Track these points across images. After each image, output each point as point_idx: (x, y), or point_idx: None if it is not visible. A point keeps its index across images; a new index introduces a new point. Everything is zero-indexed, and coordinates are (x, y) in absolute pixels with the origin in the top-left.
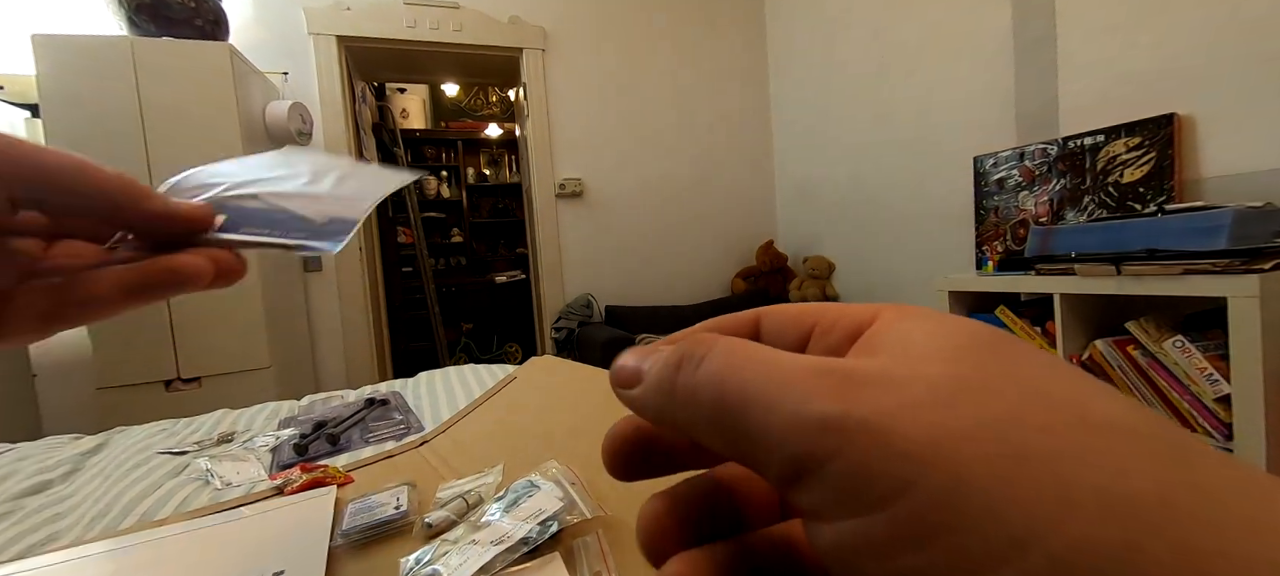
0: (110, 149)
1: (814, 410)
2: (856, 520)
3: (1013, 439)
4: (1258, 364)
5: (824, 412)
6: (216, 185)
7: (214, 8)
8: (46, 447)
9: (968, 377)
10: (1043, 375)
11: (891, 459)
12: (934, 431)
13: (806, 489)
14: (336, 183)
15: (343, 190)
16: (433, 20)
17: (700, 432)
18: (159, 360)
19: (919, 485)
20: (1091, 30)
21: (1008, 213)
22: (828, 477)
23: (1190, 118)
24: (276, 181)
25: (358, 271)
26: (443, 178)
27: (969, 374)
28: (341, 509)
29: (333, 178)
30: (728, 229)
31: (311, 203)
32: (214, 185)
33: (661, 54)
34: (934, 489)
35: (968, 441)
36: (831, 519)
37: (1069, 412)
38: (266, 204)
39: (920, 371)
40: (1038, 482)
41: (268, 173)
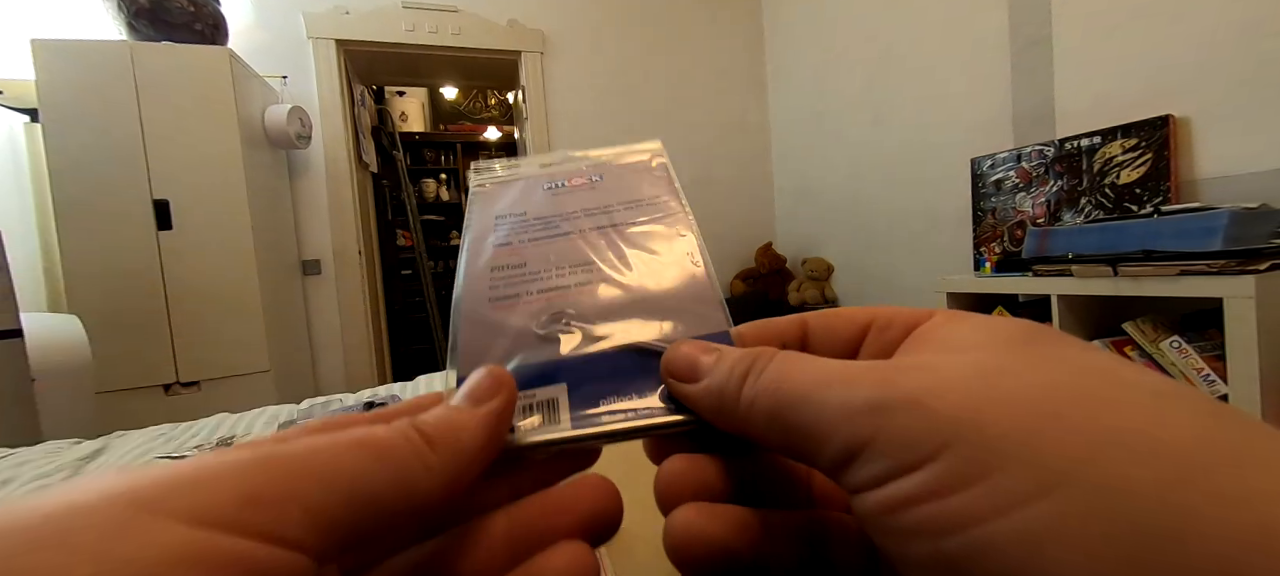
0: (110, 154)
1: (860, 397)
2: (899, 481)
3: (1049, 401)
4: (1254, 364)
5: (869, 397)
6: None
7: (213, 12)
8: (46, 452)
9: (1005, 361)
10: (1079, 354)
11: (932, 423)
12: (972, 399)
13: (857, 468)
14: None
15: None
16: (431, 24)
17: (756, 430)
18: (158, 364)
19: (959, 441)
20: (1087, 32)
21: (1005, 214)
22: (875, 451)
23: (1186, 119)
24: (581, 274)
25: (357, 274)
26: (442, 181)
27: (1007, 358)
28: None
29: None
30: (726, 231)
31: (642, 309)
32: (515, 296)
33: (660, 58)
34: (973, 443)
35: (1005, 405)
36: (879, 486)
37: (1104, 378)
38: (606, 338)
39: (960, 359)
40: (1075, 430)
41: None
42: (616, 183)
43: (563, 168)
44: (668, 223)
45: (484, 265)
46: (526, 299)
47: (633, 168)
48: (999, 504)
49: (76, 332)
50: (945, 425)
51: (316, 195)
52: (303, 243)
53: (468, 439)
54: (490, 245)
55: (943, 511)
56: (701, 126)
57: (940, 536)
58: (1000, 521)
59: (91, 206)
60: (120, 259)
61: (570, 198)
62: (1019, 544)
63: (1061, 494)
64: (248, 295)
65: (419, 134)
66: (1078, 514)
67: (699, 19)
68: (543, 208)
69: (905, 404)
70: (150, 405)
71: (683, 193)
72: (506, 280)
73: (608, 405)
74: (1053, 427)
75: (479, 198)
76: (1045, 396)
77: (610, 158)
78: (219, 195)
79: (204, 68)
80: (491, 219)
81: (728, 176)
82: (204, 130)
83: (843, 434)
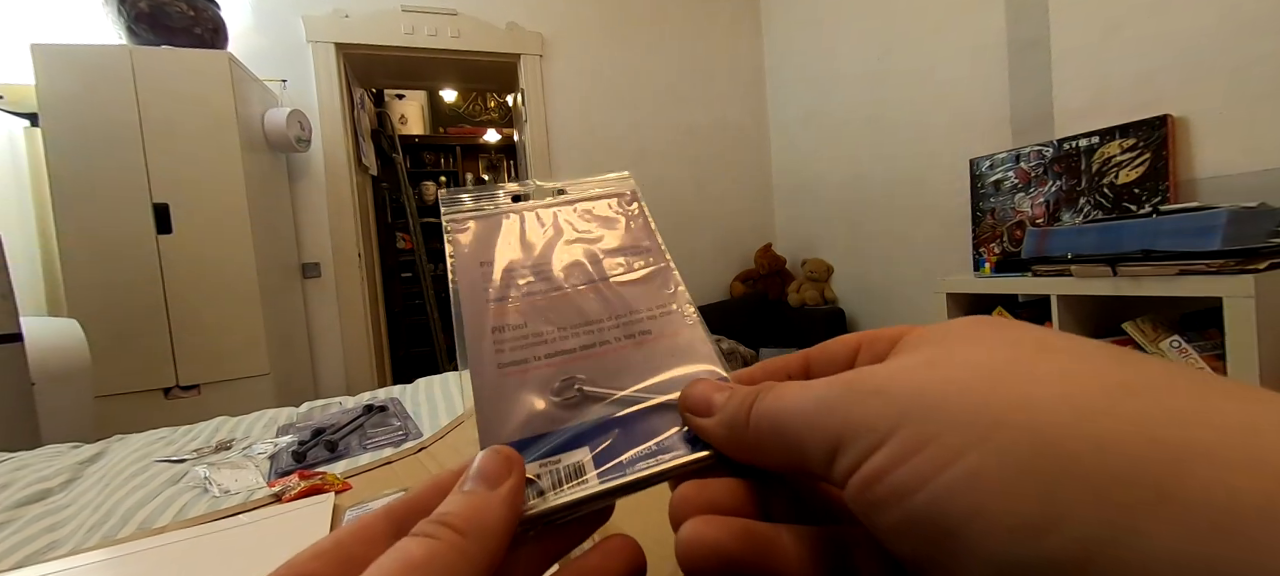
0: (110, 158)
1: (832, 395)
2: (869, 461)
3: (984, 373)
4: (1254, 363)
5: (836, 394)
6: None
7: (213, 16)
8: (45, 456)
9: (952, 349)
10: (1016, 331)
11: (888, 406)
12: (919, 381)
13: (838, 461)
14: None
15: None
16: (431, 27)
17: (764, 452)
18: (158, 368)
19: (909, 417)
20: (1085, 32)
21: (1004, 214)
22: (848, 439)
23: (1184, 119)
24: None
25: (357, 278)
26: (441, 183)
27: (953, 346)
28: (340, 516)
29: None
30: (726, 232)
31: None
32: (532, 360)
33: (659, 60)
34: (921, 416)
35: (947, 383)
36: (853, 470)
37: (1033, 347)
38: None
39: (914, 355)
40: (1006, 388)
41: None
42: (596, 227)
43: (538, 206)
44: (654, 274)
45: (486, 326)
46: (536, 365)
47: (609, 206)
48: (945, 460)
49: (76, 336)
50: (898, 406)
51: (316, 198)
52: (302, 245)
53: (492, 521)
54: (487, 301)
55: (901, 477)
56: (700, 128)
57: (902, 499)
58: (944, 475)
59: (91, 210)
60: (120, 262)
61: (553, 243)
62: (959, 491)
63: (990, 442)
64: (247, 298)
65: (418, 137)
66: (1008, 456)
67: (698, 22)
68: (528, 256)
69: (864, 394)
70: (150, 409)
71: (659, 233)
72: (512, 343)
73: (629, 457)
74: (986, 390)
75: (457, 238)
76: (984, 367)
77: (582, 192)
78: (219, 199)
79: (204, 72)
80: (478, 267)
81: (727, 178)
82: (204, 134)
83: (819, 430)
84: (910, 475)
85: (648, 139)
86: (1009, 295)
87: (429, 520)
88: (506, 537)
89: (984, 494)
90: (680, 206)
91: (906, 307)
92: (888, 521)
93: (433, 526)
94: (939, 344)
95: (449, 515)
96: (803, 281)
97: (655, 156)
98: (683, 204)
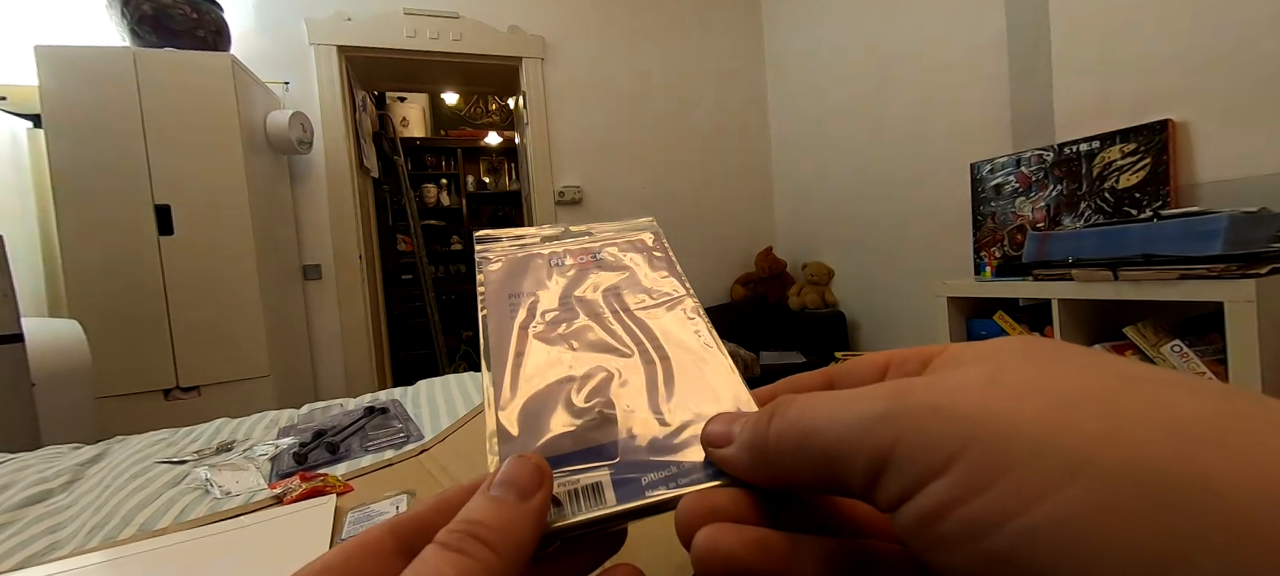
0: (112, 159)
1: (877, 409)
2: (929, 487)
3: (1059, 395)
4: (1255, 367)
5: (885, 408)
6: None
7: (216, 19)
8: (46, 457)
9: (1013, 364)
10: (1083, 354)
11: (948, 426)
12: (983, 399)
13: (885, 483)
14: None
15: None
16: (433, 30)
17: (791, 469)
18: (158, 369)
19: (975, 441)
20: (1085, 36)
21: (1005, 218)
22: (898, 459)
23: (1184, 123)
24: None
25: (357, 279)
26: (443, 185)
27: (1014, 362)
28: (341, 518)
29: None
30: (727, 236)
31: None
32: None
33: (660, 63)
34: (988, 441)
35: (1014, 401)
36: (908, 496)
37: (1111, 371)
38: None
39: (969, 369)
40: (1089, 418)
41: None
42: (622, 263)
43: (567, 244)
44: (676, 303)
45: (510, 352)
46: (558, 387)
47: (634, 246)
48: (1028, 496)
49: (77, 337)
50: (961, 426)
51: (317, 200)
52: (303, 247)
53: (525, 536)
54: (513, 329)
55: (975, 513)
56: (702, 131)
57: (980, 538)
58: (1032, 513)
59: (93, 211)
60: (121, 263)
61: (581, 278)
62: (1054, 531)
63: (1084, 478)
64: (248, 300)
65: (420, 139)
66: (1102, 494)
67: (699, 26)
68: (555, 290)
69: (920, 410)
70: (150, 410)
71: (679, 265)
72: (536, 367)
73: (648, 480)
74: (1065, 418)
75: (488, 270)
76: (1054, 391)
77: (612, 234)
78: (220, 200)
79: (206, 73)
80: (506, 299)
81: (728, 181)
82: (206, 136)
83: (866, 448)
84: (987, 511)
85: (649, 142)
86: (1010, 299)
87: (459, 529)
88: (531, 551)
89: (1083, 536)
90: (681, 209)
91: (907, 311)
92: (958, 562)
93: (464, 540)
94: (991, 361)
95: (480, 527)
96: (803, 285)
97: (656, 159)
98: (684, 207)
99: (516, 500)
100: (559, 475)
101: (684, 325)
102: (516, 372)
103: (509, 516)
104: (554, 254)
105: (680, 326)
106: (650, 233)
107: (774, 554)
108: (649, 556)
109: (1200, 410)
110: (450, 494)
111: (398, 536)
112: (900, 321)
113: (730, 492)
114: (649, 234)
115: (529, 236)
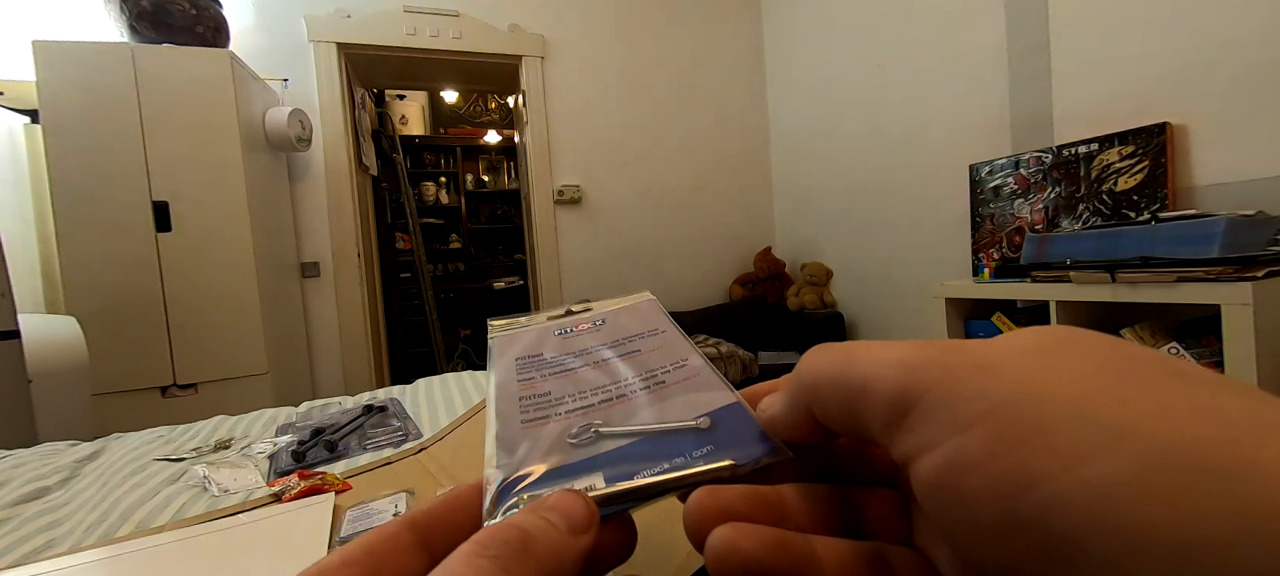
0: (110, 155)
1: (918, 355)
2: (955, 439)
3: (1102, 375)
4: (1252, 370)
5: (926, 354)
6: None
7: (215, 15)
8: (42, 454)
9: (1054, 342)
10: (1122, 343)
11: (986, 382)
12: (1026, 368)
13: (909, 427)
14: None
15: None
16: (432, 28)
17: (823, 399)
18: (155, 366)
19: (1012, 400)
20: (1084, 39)
21: (1003, 220)
22: (928, 407)
23: (1183, 127)
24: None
25: (356, 277)
26: (441, 184)
27: (1054, 340)
28: (340, 516)
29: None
30: (726, 235)
31: (663, 403)
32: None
33: (660, 63)
34: (1029, 403)
35: (1059, 374)
36: (932, 447)
37: (1160, 363)
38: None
39: (1011, 341)
40: (1134, 396)
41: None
42: (614, 327)
43: (569, 319)
44: (668, 342)
45: (512, 396)
46: (556, 419)
47: (630, 311)
48: (1064, 460)
49: (74, 334)
50: (999, 384)
51: (316, 198)
52: (302, 245)
53: (566, 568)
54: (515, 381)
55: (1005, 470)
56: (701, 131)
57: (1005, 499)
58: (1067, 477)
59: (91, 208)
60: (119, 260)
61: (579, 339)
62: (1087, 498)
63: (1128, 448)
64: (246, 297)
65: (419, 137)
66: (1145, 468)
67: (699, 26)
68: (556, 348)
69: (962, 366)
70: (147, 407)
71: (672, 321)
72: (535, 405)
73: (644, 471)
74: (1109, 395)
75: (497, 344)
76: (1099, 371)
77: (611, 307)
78: (219, 197)
79: (205, 70)
80: (512, 360)
81: (727, 180)
82: (204, 132)
83: (896, 383)
84: (1017, 470)
85: (648, 142)
86: (1007, 300)
87: (513, 551)
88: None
89: (1120, 508)
90: (680, 208)
91: (905, 312)
92: (980, 518)
93: (519, 562)
94: (1033, 338)
95: (537, 548)
96: (802, 285)
97: (655, 159)
98: (682, 206)
99: (567, 530)
100: (553, 483)
101: (675, 353)
102: (517, 411)
103: (558, 543)
104: (560, 326)
105: (671, 355)
106: (645, 300)
107: (793, 555)
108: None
109: (1253, 409)
110: (463, 490)
111: (415, 531)
112: (898, 322)
113: (741, 491)
114: (644, 300)
115: (536, 317)
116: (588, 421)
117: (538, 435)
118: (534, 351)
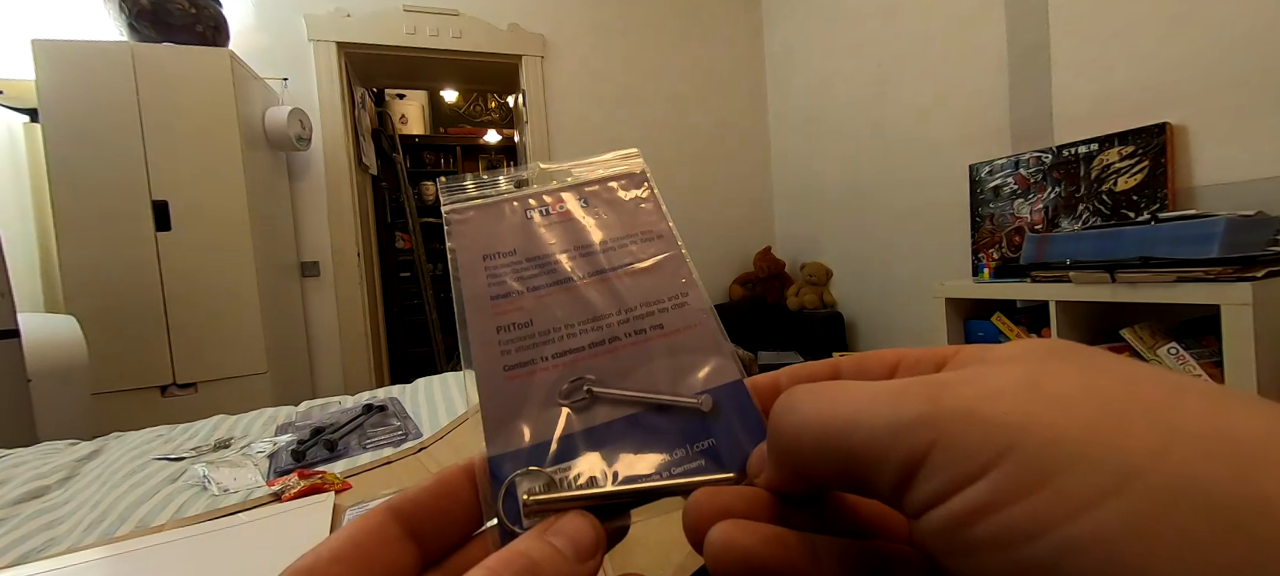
0: (109, 154)
1: (911, 412)
2: (962, 493)
3: (1105, 404)
4: (1251, 371)
5: (920, 411)
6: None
7: (215, 14)
8: (42, 453)
9: (1051, 368)
10: (1123, 363)
11: (988, 431)
12: (1024, 404)
13: (917, 486)
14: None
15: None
16: (432, 27)
17: (812, 467)
18: (155, 365)
19: (1017, 446)
20: (1085, 40)
21: (1003, 220)
22: (933, 465)
23: (1182, 127)
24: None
25: (356, 277)
26: (441, 183)
27: (1051, 366)
28: (339, 515)
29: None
30: (725, 235)
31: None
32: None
33: (660, 62)
34: (1032, 447)
35: (1059, 408)
36: (941, 501)
37: (1157, 382)
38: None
39: (1004, 369)
40: (1139, 430)
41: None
42: (604, 212)
43: (540, 191)
44: (665, 262)
45: (490, 326)
46: (543, 367)
47: (617, 188)
48: (1072, 505)
49: (73, 333)
50: (1001, 431)
51: (316, 197)
52: (301, 244)
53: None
54: (491, 298)
55: (1012, 519)
56: (701, 131)
57: (1015, 547)
58: (1076, 523)
59: (90, 207)
60: (118, 260)
61: (558, 231)
62: (1098, 544)
63: (1133, 490)
64: (246, 296)
65: (419, 137)
66: (1153, 509)
67: (699, 25)
68: (531, 245)
69: (957, 414)
70: (147, 406)
71: (669, 216)
72: (517, 343)
73: (644, 467)
74: (1113, 428)
75: (458, 229)
76: (1101, 400)
77: (588, 173)
78: (218, 196)
79: (205, 69)
80: (480, 261)
81: (727, 180)
82: (204, 132)
83: (899, 452)
84: (1025, 518)
85: (648, 141)
86: (1007, 300)
87: (514, 566)
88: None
89: (1130, 552)
90: (680, 209)
91: (905, 312)
92: (989, 567)
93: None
94: (1025, 364)
95: (539, 569)
96: (802, 285)
97: (655, 159)
98: (682, 206)
99: (574, 558)
100: (550, 465)
101: (672, 284)
102: (498, 352)
103: (565, 571)
104: (529, 203)
105: (668, 286)
106: (636, 170)
107: (792, 552)
108: (648, 557)
109: (1258, 428)
110: (449, 474)
111: (401, 520)
112: (898, 322)
113: (740, 491)
114: (635, 172)
115: (502, 184)
116: (579, 376)
117: (526, 391)
118: (505, 247)
